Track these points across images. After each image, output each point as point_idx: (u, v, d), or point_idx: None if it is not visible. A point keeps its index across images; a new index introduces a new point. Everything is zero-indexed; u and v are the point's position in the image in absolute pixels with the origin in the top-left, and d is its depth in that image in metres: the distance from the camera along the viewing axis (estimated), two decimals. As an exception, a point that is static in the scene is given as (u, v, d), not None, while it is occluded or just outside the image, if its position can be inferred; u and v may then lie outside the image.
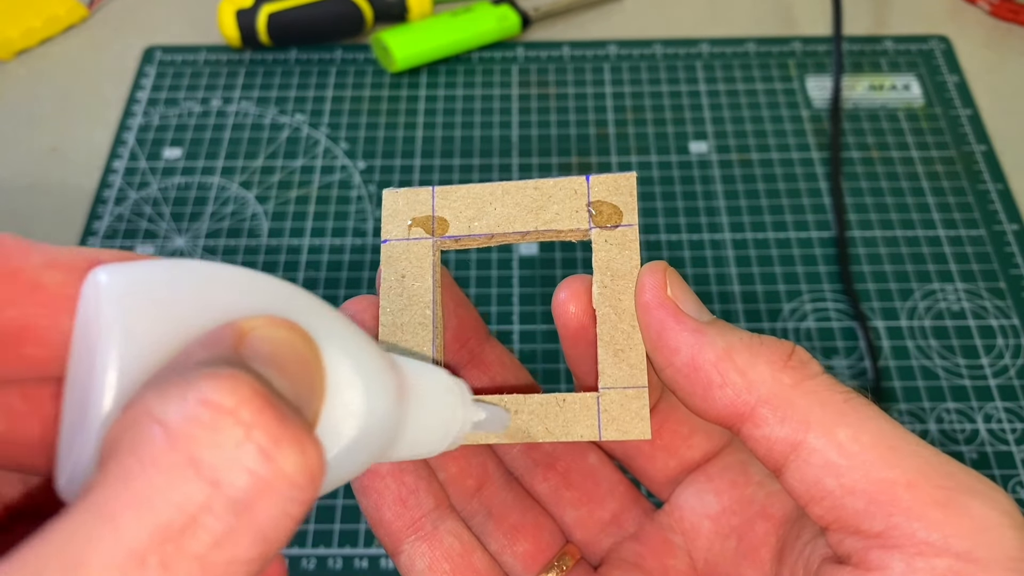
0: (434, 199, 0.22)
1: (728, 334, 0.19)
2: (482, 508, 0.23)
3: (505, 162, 0.51)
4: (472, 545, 0.22)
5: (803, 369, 0.18)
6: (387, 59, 0.54)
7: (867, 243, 0.47)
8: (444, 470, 0.23)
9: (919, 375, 0.42)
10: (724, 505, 0.22)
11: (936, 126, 0.52)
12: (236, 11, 0.54)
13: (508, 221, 0.22)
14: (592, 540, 0.24)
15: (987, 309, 0.44)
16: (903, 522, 0.16)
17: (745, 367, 0.18)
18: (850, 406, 0.17)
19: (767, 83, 0.54)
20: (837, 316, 0.44)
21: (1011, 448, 0.40)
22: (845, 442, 0.17)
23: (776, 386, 0.18)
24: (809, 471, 0.17)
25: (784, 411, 0.17)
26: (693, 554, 0.23)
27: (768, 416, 0.18)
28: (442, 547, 0.21)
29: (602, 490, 0.24)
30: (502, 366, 0.24)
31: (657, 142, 0.51)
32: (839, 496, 0.17)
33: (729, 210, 0.48)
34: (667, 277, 0.20)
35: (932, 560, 0.16)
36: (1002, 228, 0.47)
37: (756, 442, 0.18)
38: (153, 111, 0.53)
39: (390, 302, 0.22)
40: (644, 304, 0.20)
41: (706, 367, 0.18)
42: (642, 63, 0.56)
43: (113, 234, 0.48)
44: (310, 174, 0.50)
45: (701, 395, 0.19)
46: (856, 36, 0.57)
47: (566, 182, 0.22)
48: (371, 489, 0.21)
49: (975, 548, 0.15)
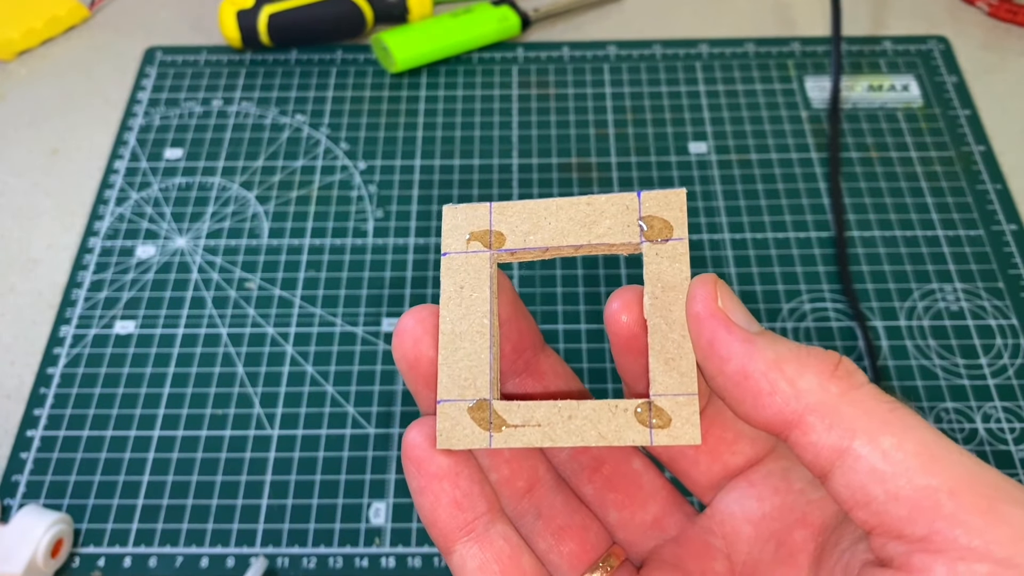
0: (491, 214, 0.23)
1: (777, 344, 0.19)
2: (532, 509, 0.24)
3: (505, 162, 0.51)
4: (521, 548, 0.23)
5: (849, 379, 0.19)
6: (387, 60, 0.55)
7: (866, 243, 0.47)
8: (497, 472, 0.24)
9: (918, 375, 0.42)
10: (765, 511, 0.23)
11: (935, 126, 0.52)
12: (237, 12, 0.54)
13: (562, 235, 0.23)
14: (635, 541, 0.25)
15: (986, 309, 0.44)
16: (945, 528, 0.16)
17: (794, 376, 0.19)
18: (895, 415, 0.18)
19: (766, 84, 0.54)
20: (836, 316, 0.44)
21: (1010, 448, 0.40)
22: (890, 450, 0.17)
23: (823, 395, 0.18)
24: (855, 477, 0.18)
25: (831, 419, 0.18)
26: (733, 557, 0.23)
27: (816, 424, 0.18)
28: (493, 549, 0.22)
29: (644, 493, 0.25)
30: (555, 375, 0.25)
31: (656, 142, 0.52)
32: (883, 501, 0.17)
33: (728, 210, 0.48)
34: (717, 289, 0.20)
35: (973, 565, 0.16)
36: (1001, 228, 0.47)
37: (803, 448, 0.19)
38: (154, 111, 0.54)
39: (449, 311, 0.23)
40: (695, 315, 0.20)
41: (756, 376, 0.19)
42: (641, 64, 0.56)
43: (114, 234, 0.48)
44: (311, 174, 0.51)
45: (751, 403, 0.19)
46: (855, 37, 0.57)
47: (618, 198, 0.23)
48: (428, 491, 0.22)
49: (1016, 555, 0.16)
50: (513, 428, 0.22)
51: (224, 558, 0.38)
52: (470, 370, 0.22)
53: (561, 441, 0.21)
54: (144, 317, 0.45)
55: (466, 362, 0.22)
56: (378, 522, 0.39)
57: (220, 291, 0.46)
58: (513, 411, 0.22)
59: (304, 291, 0.46)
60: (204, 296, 0.46)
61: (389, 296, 0.45)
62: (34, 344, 0.44)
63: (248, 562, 0.38)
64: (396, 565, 0.38)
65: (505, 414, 0.22)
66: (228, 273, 0.46)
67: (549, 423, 0.22)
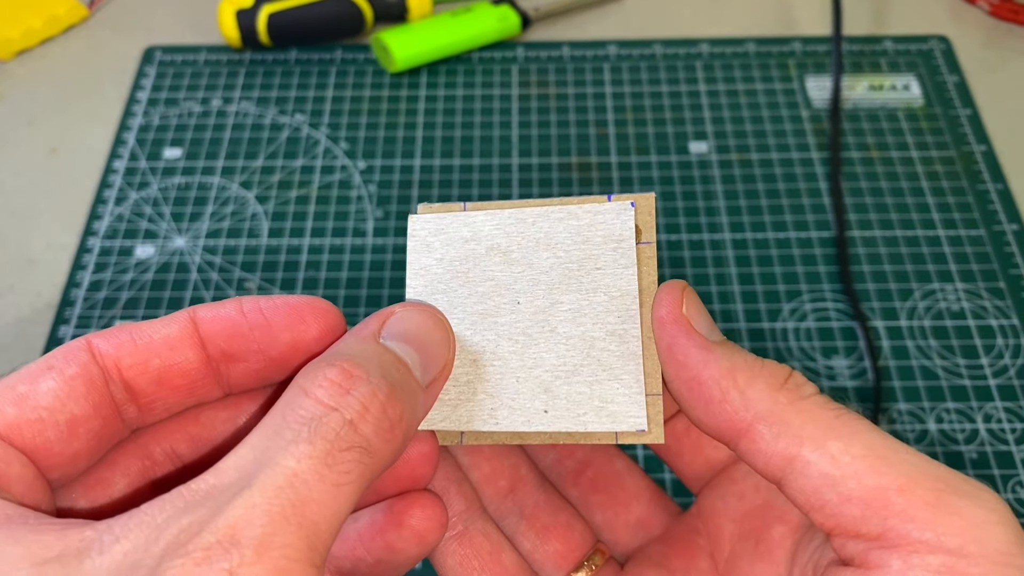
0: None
1: (734, 354, 0.20)
2: (515, 508, 0.25)
3: (505, 162, 0.51)
4: (501, 544, 0.23)
5: (798, 390, 0.19)
6: (387, 59, 0.55)
7: (867, 243, 0.47)
8: (477, 470, 0.24)
9: (919, 375, 0.42)
10: (746, 509, 0.23)
11: (936, 126, 0.52)
12: (236, 11, 0.54)
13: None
14: (620, 541, 0.25)
15: (987, 309, 0.44)
16: (898, 524, 0.17)
17: (744, 386, 0.19)
18: (841, 421, 0.18)
19: (767, 83, 0.54)
20: (837, 316, 0.44)
21: (1011, 448, 0.40)
22: (837, 454, 0.18)
23: (772, 404, 0.19)
24: (807, 483, 0.18)
25: (779, 427, 0.19)
26: (715, 555, 0.24)
27: (764, 432, 0.19)
28: (472, 546, 0.23)
29: (628, 494, 0.26)
30: None
31: (657, 142, 0.51)
32: (837, 504, 0.18)
33: (729, 210, 0.48)
34: (684, 296, 0.21)
35: (926, 557, 0.17)
36: (1002, 228, 0.47)
37: (754, 456, 0.19)
38: (153, 111, 0.53)
39: None
40: (659, 319, 0.21)
41: (709, 383, 0.20)
42: (642, 63, 0.56)
43: (113, 234, 0.48)
44: (310, 174, 0.50)
45: (703, 408, 0.20)
46: (856, 36, 0.57)
47: (587, 200, 0.23)
48: None
49: (966, 544, 0.17)
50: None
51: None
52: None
53: (530, 438, 0.22)
54: (143, 317, 0.45)
55: None
56: (378, 523, 0.39)
57: (219, 291, 0.46)
58: None
59: (304, 291, 0.45)
60: (203, 296, 0.45)
61: (389, 296, 0.45)
62: (33, 344, 0.44)
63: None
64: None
65: None
66: (227, 273, 0.46)
67: None
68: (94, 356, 0.19)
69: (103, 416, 0.19)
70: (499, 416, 0.22)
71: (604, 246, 0.22)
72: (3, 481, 0.17)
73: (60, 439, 0.18)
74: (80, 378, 0.19)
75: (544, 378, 0.22)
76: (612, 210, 0.22)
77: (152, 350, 0.20)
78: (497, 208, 0.23)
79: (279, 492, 0.15)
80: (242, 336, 0.20)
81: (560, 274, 0.22)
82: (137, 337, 0.19)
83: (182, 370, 0.20)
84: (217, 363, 0.20)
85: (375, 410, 0.17)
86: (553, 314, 0.22)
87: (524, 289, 0.22)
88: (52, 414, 0.18)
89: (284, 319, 0.20)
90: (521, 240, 0.23)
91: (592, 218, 0.22)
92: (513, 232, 0.23)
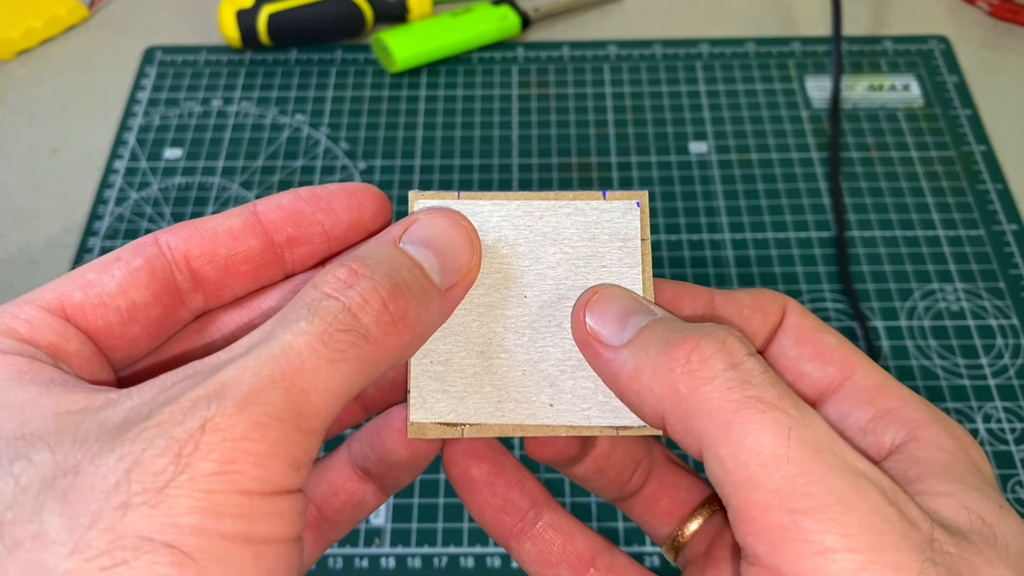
0: None
1: (639, 353, 0.20)
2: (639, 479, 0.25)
3: (505, 162, 0.51)
4: (571, 531, 0.24)
5: (700, 372, 0.18)
6: (387, 59, 0.55)
7: (866, 243, 0.47)
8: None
9: (918, 375, 0.42)
10: None
11: (935, 126, 0.52)
12: (236, 11, 0.54)
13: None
14: None
15: (986, 309, 0.44)
16: (754, 543, 0.17)
17: (651, 383, 0.19)
18: (739, 416, 0.18)
19: (767, 83, 0.54)
20: (836, 316, 0.44)
21: (1010, 448, 0.40)
22: (725, 459, 0.18)
23: (675, 398, 0.19)
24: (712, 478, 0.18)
25: (684, 422, 0.18)
26: None
27: (675, 426, 0.19)
28: (543, 541, 0.24)
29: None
30: None
31: (657, 142, 0.52)
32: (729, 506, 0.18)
33: (728, 210, 0.48)
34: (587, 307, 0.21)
35: None
36: (1001, 228, 0.47)
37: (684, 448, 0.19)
38: (154, 111, 0.54)
39: None
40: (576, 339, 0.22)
41: (626, 392, 0.20)
42: (642, 63, 0.56)
43: (114, 234, 0.48)
44: (310, 174, 0.50)
45: (639, 415, 0.20)
46: (855, 36, 0.57)
47: (585, 196, 0.23)
48: (472, 502, 0.24)
49: (804, 573, 0.16)
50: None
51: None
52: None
53: (532, 431, 0.22)
54: (144, 317, 0.45)
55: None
56: (378, 522, 0.39)
57: (220, 291, 0.46)
58: None
59: (304, 291, 0.45)
60: (204, 296, 0.45)
61: (389, 296, 0.45)
62: (33, 344, 0.44)
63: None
64: (396, 565, 0.37)
65: None
66: (228, 273, 0.46)
67: None
68: (161, 250, 0.20)
69: (163, 304, 0.20)
70: (505, 409, 0.22)
71: (610, 244, 0.22)
72: (62, 354, 0.18)
73: (120, 323, 0.20)
74: (143, 269, 0.20)
75: (550, 372, 0.22)
76: (618, 208, 0.23)
77: (218, 241, 0.21)
78: (492, 199, 0.23)
79: (272, 359, 0.16)
80: (307, 220, 0.22)
81: (567, 270, 0.22)
82: (203, 230, 0.21)
83: (246, 256, 0.21)
84: (282, 249, 0.22)
85: (375, 303, 0.18)
86: (559, 309, 0.22)
87: (531, 283, 0.22)
88: (114, 299, 0.20)
89: (344, 201, 0.22)
90: (528, 233, 0.23)
91: (599, 215, 0.23)
92: (521, 225, 0.23)
